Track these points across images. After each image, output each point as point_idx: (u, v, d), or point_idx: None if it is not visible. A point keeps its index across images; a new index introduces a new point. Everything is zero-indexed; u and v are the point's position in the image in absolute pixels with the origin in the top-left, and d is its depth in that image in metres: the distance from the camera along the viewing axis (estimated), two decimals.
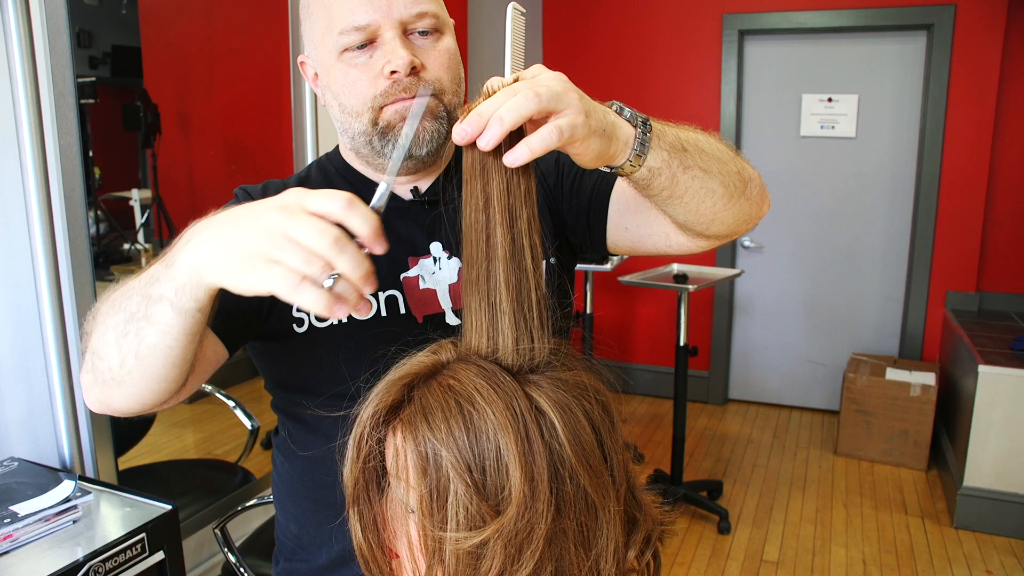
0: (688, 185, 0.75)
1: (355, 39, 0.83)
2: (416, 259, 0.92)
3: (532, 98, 0.57)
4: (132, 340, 0.64)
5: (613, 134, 0.66)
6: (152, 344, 0.63)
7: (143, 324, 0.63)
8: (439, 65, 0.86)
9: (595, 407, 0.60)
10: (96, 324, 0.69)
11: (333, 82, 0.87)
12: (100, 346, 0.67)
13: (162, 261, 0.62)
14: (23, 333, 1.50)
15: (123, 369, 0.66)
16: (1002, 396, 2.83)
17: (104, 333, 0.66)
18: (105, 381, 0.68)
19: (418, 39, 0.85)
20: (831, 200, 3.99)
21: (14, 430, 1.51)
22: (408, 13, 0.83)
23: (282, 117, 2.25)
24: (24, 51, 1.39)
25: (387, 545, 0.64)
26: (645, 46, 4.10)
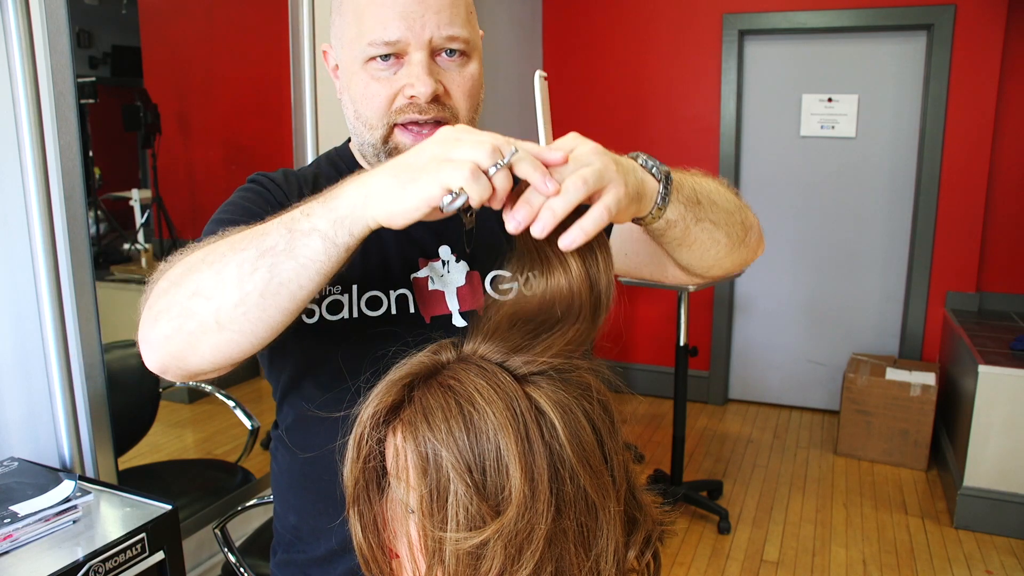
0: (698, 236, 0.78)
1: (383, 52, 0.83)
2: (426, 261, 0.93)
3: (580, 186, 0.59)
4: (262, 275, 0.62)
5: (643, 193, 0.69)
6: (286, 280, 0.62)
7: (282, 259, 0.62)
8: (461, 92, 0.86)
9: (595, 407, 0.60)
10: (193, 270, 0.66)
11: (353, 87, 0.87)
12: (209, 285, 0.64)
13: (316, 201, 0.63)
14: (23, 333, 1.49)
15: (238, 309, 0.64)
16: (1002, 396, 2.83)
17: (221, 271, 0.64)
18: (202, 326, 0.65)
19: (444, 61, 0.85)
20: (831, 200, 3.99)
21: (14, 430, 1.51)
22: (440, 35, 0.83)
23: (282, 117, 2.25)
24: (24, 51, 1.39)
25: (387, 545, 0.64)
26: (645, 46, 4.10)
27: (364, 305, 0.90)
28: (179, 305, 0.66)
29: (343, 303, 0.89)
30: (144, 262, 2.14)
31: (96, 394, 1.59)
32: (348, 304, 0.90)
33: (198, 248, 0.70)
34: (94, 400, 1.59)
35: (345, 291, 0.90)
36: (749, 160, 4.11)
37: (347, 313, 0.89)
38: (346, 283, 0.90)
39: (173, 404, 2.25)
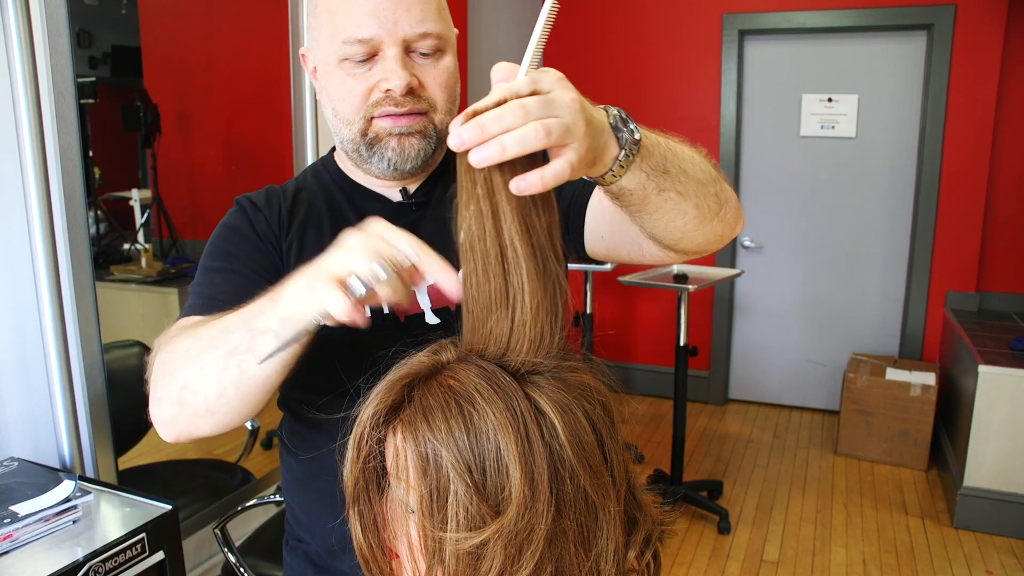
0: (660, 205, 0.74)
1: (357, 51, 0.84)
2: None
3: (542, 136, 0.55)
4: (233, 372, 0.69)
5: (603, 154, 0.65)
6: (254, 374, 0.69)
7: (246, 357, 0.68)
8: (436, 84, 0.88)
9: (595, 408, 0.60)
10: (180, 361, 0.73)
11: (330, 86, 0.89)
12: (194, 380, 0.72)
13: (267, 296, 0.69)
14: (23, 333, 1.50)
15: (220, 400, 0.71)
16: (1002, 396, 2.83)
17: (202, 368, 0.71)
18: (196, 413, 0.73)
19: (419, 57, 0.87)
20: (831, 200, 3.99)
21: (14, 430, 1.51)
22: (412, 33, 0.84)
23: (282, 117, 2.25)
24: (24, 51, 1.39)
25: (387, 545, 0.64)
26: (645, 46, 4.10)
27: None
28: (174, 395, 0.74)
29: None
30: (144, 262, 2.14)
31: (96, 394, 1.59)
32: None
33: (185, 330, 0.77)
34: (94, 400, 1.59)
35: None
36: (749, 160, 4.11)
37: None
38: None
39: None
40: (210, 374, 0.71)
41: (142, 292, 2.13)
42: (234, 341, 0.69)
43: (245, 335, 0.69)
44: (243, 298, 0.74)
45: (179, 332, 0.78)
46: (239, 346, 0.69)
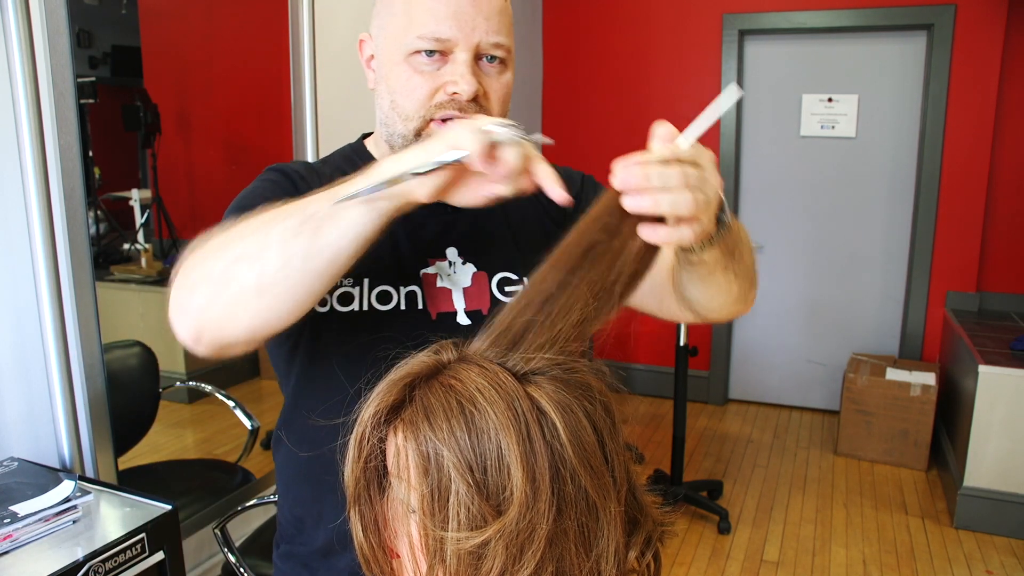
0: (719, 281, 0.82)
1: (430, 47, 0.85)
2: (433, 260, 0.95)
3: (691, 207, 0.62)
4: (305, 239, 0.66)
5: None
6: (328, 244, 0.66)
7: (325, 224, 0.65)
8: (497, 98, 0.89)
9: (596, 408, 0.60)
10: (234, 239, 0.69)
11: (393, 78, 0.89)
12: (253, 250, 0.67)
13: (356, 175, 0.67)
14: (23, 333, 1.49)
15: (280, 273, 0.66)
16: (1002, 396, 2.83)
17: (266, 235, 0.67)
18: (243, 291, 0.67)
19: (485, 66, 0.88)
20: (831, 200, 3.99)
21: (14, 430, 1.51)
22: (487, 40, 0.85)
23: (282, 117, 2.25)
24: (24, 51, 1.39)
25: (388, 545, 0.64)
26: (645, 46, 4.10)
27: (375, 299, 0.92)
28: (220, 271, 0.68)
29: (354, 295, 0.91)
30: (144, 262, 2.14)
31: (96, 394, 1.59)
32: (359, 296, 0.91)
33: (228, 229, 0.71)
34: (94, 400, 1.59)
35: (356, 284, 0.91)
36: (749, 160, 4.11)
37: (357, 305, 0.91)
38: (358, 276, 0.92)
39: (173, 404, 2.25)
40: (274, 242, 0.66)
41: (142, 292, 2.13)
42: (311, 209, 0.67)
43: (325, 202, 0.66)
44: None
45: (217, 233, 0.73)
46: (317, 213, 0.66)
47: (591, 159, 4.26)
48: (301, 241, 0.66)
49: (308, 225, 0.66)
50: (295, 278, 0.67)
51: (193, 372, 2.24)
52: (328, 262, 0.67)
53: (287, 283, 0.67)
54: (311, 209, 0.67)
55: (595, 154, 4.27)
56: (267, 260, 0.66)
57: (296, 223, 0.66)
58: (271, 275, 0.66)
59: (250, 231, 0.69)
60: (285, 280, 0.67)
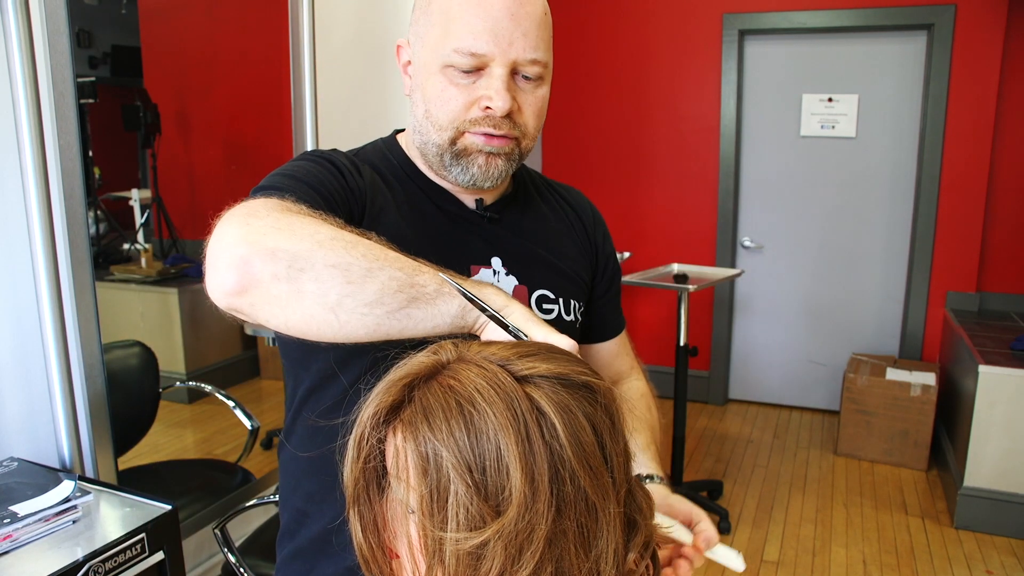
0: None
1: (465, 62, 0.84)
2: (478, 268, 0.95)
3: None
4: (401, 299, 0.67)
5: None
6: (412, 316, 0.68)
7: (423, 300, 0.68)
8: (532, 112, 0.89)
9: (596, 409, 0.60)
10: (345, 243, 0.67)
11: (428, 88, 0.88)
12: (358, 273, 0.66)
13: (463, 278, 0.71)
14: (23, 333, 1.50)
15: (362, 309, 0.66)
16: (1002, 396, 2.83)
17: (373, 270, 0.66)
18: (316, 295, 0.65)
19: (521, 81, 0.87)
20: (831, 200, 3.99)
21: (14, 430, 1.51)
22: (524, 57, 0.85)
23: (282, 117, 2.25)
24: (24, 51, 1.39)
25: (387, 545, 0.64)
26: (645, 46, 4.10)
27: None
28: (311, 263, 0.65)
29: None
30: (144, 262, 2.14)
31: (96, 394, 1.59)
32: None
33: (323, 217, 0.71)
34: (94, 400, 1.59)
35: None
36: (749, 160, 4.11)
37: None
38: None
39: (173, 404, 2.25)
40: (378, 281, 0.66)
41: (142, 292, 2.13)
42: (421, 279, 0.69)
43: (434, 283, 0.69)
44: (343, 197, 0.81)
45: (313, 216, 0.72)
46: (424, 285, 0.68)
47: (591, 159, 4.27)
48: (399, 298, 0.67)
49: (412, 290, 0.67)
50: (370, 320, 0.67)
51: (193, 372, 2.24)
52: (400, 331, 0.68)
53: (361, 319, 0.67)
54: (421, 279, 0.68)
55: (595, 154, 4.28)
56: (362, 289, 0.66)
57: (404, 280, 0.67)
58: (354, 302, 0.66)
59: (358, 251, 0.67)
60: (361, 316, 0.66)
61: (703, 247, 4.17)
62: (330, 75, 2.30)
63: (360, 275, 0.65)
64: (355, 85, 2.48)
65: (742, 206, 4.16)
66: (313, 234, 0.67)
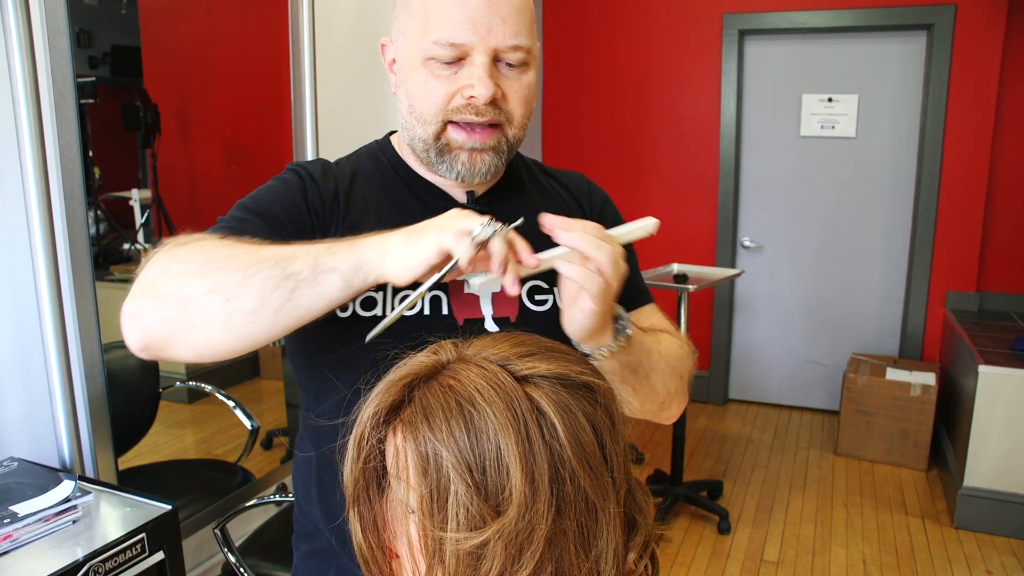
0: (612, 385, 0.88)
1: (445, 53, 0.84)
2: None
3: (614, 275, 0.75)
4: (283, 294, 0.70)
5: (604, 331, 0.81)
6: (301, 304, 0.71)
7: (303, 286, 0.71)
8: (518, 99, 0.88)
9: (596, 409, 0.60)
10: (216, 266, 0.72)
11: (410, 82, 0.88)
12: (231, 288, 0.70)
13: (341, 244, 0.73)
14: (23, 333, 1.50)
15: (251, 316, 0.70)
16: (1002, 396, 2.83)
17: (247, 278, 0.70)
18: (207, 321, 0.71)
19: (504, 68, 0.87)
20: (831, 200, 3.99)
21: (14, 430, 1.51)
22: (504, 44, 0.84)
23: (282, 117, 2.25)
24: (24, 51, 1.39)
25: (387, 545, 0.64)
26: (645, 46, 4.10)
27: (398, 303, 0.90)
28: (189, 296, 0.71)
29: (377, 300, 0.90)
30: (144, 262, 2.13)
31: (96, 394, 1.59)
32: (382, 301, 0.90)
33: (212, 241, 0.75)
34: (94, 400, 1.59)
35: (380, 288, 0.90)
36: (749, 160, 4.11)
37: (380, 310, 0.90)
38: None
39: (173, 404, 2.25)
40: (253, 290, 0.70)
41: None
42: (295, 267, 0.71)
43: (307, 265, 0.71)
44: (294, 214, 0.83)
45: (207, 239, 0.76)
46: (298, 273, 0.71)
47: (591, 159, 4.26)
48: (279, 294, 0.70)
49: (289, 282, 0.70)
50: (262, 325, 0.71)
51: (193, 372, 2.24)
52: (298, 319, 0.72)
53: (253, 326, 0.71)
54: (295, 267, 0.71)
55: (595, 154, 4.27)
56: (241, 302, 0.70)
57: (278, 275, 0.70)
58: (240, 316, 0.70)
59: (230, 266, 0.71)
60: (252, 324, 0.71)
61: (703, 247, 4.17)
62: (330, 75, 2.30)
63: (236, 289, 0.70)
64: (355, 85, 2.48)
65: (742, 206, 4.16)
66: (192, 267, 0.72)
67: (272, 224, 0.86)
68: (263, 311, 0.70)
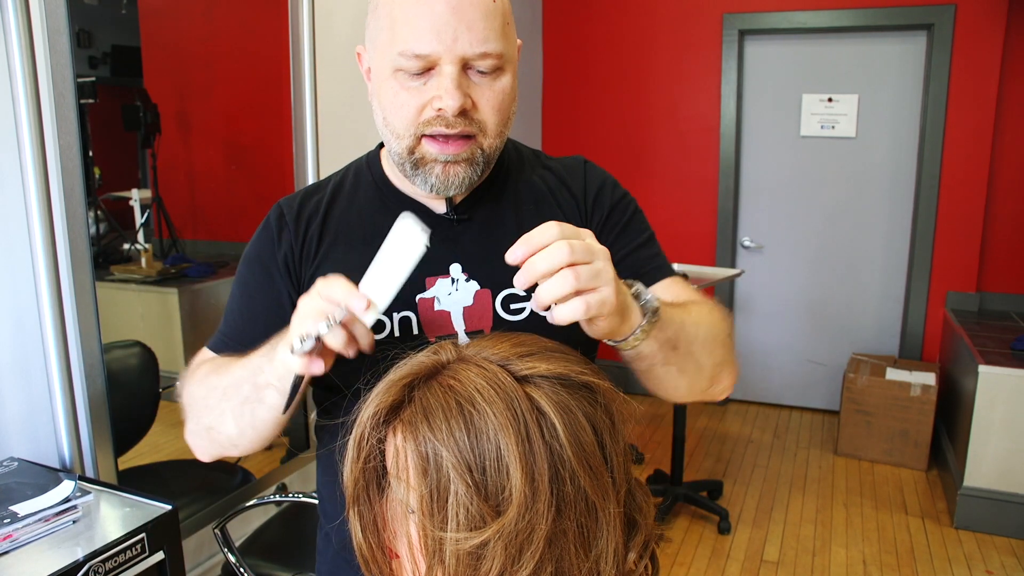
0: (659, 374, 0.82)
1: (413, 65, 0.81)
2: (434, 279, 0.92)
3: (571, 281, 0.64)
4: (248, 417, 0.83)
5: (627, 317, 0.71)
6: (264, 418, 0.82)
7: (256, 405, 0.81)
8: (490, 106, 0.85)
9: (596, 409, 0.60)
10: (201, 407, 0.89)
11: (382, 94, 0.86)
12: (217, 424, 0.87)
13: (264, 352, 0.80)
14: (23, 333, 1.49)
15: (242, 438, 0.86)
16: (1002, 396, 2.83)
17: (221, 415, 0.85)
18: (223, 447, 0.89)
19: (475, 75, 0.84)
20: (831, 200, 3.99)
21: (14, 430, 1.51)
22: (472, 52, 0.81)
23: (282, 117, 2.25)
24: (24, 51, 1.39)
25: (387, 546, 0.64)
26: (645, 46, 4.10)
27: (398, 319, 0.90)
28: (203, 433, 0.90)
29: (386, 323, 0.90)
30: (144, 262, 2.14)
31: (96, 394, 1.59)
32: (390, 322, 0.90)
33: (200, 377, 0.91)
34: (94, 400, 1.59)
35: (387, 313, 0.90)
36: (749, 160, 4.11)
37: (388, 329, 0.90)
38: None
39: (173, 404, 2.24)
40: (229, 420, 0.85)
41: (142, 292, 2.12)
42: (244, 393, 0.82)
43: (252, 390, 0.81)
44: (254, 338, 0.86)
45: (197, 373, 0.92)
46: (249, 397, 0.81)
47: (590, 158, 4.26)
48: (246, 419, 0.83)
49: (246, 407, 0.82)
50: (251, 436, 0.86)
51: None
52: (271, 424, 0.83)
53: (251, 441, 0.87)
54: (244, 392, 0.82)
55: (595, 154, 4.27)
56: (229, 431, 0.86)
57: (237, 405, 0.83)
58: (235, 439, 0.87)
59: (208, 406, 0.87)
60: (248, 440, 0.87)
61: (703, 247, 4.17)
62: (330, 75, 2.30)
63: (219, 423, 0.87)
64: (355, 85, 2.48)
65: (742, 206, 4.16)
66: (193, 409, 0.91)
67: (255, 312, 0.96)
68: (245, 432, 0.85)
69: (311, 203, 0.97)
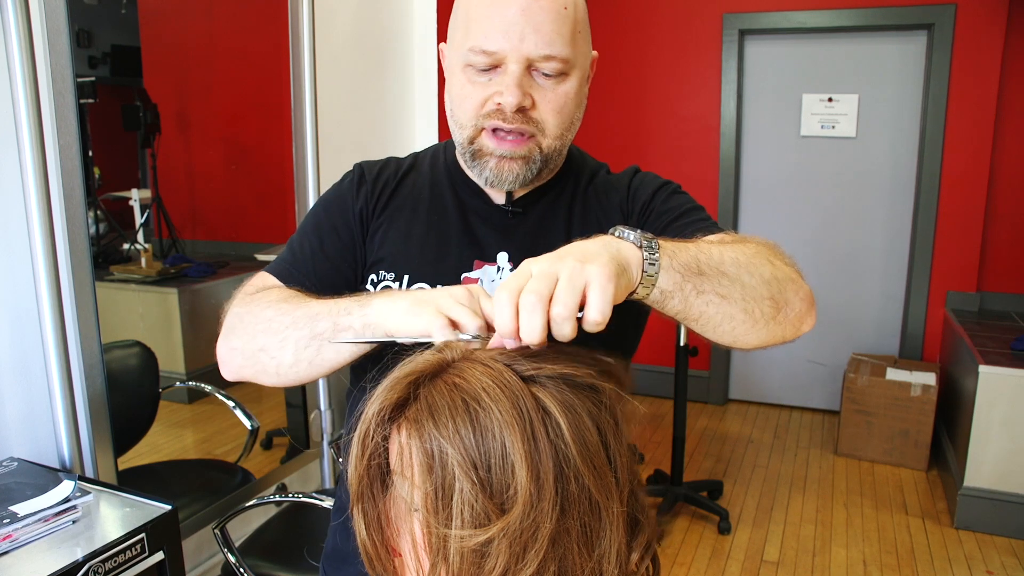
0: (703, 310, 0.73)
1: (480, 61, 0.86)
2: (482, 263, 0.95)
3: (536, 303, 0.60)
4: (311, 351, 0.82)
5: (627, 263, 0.65)
6: (327, 358, 0.83)
7: (326, 346, 0.81)
8: (550, 108, 0.88)
9: (600, 409, 0.60)
10: (262, 327, 0.86)
11: (451, 86, 0.92)
12: (273, 348, 0.85)
13: (355, 299, 0.80)
14: (23, 333, 1.49)
15: (292, 369, 0.85)
16: (1002, 396, 2.83)
17: (283, 341, 0.84)
18: (265, 371, 0.87)
19: (540, 77, 0.87)
20: (831, 200, 3.99)
21: (14, 430, 1.51)
22: (537, 53, 0.85)
23: (282, 117, 2.25)
24: (24, 51, 1.39)
25: (390, 543, 0.64)
26: (645, 46, 4.10)
27: None
28: (249, 352, 0.87)
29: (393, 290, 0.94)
30: (144, 262, 2.13)
31: (96, 394, 1.59)
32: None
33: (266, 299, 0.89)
34: (94, 400, 1.59)
35: (398, 279, 0.95)
36: (749, 160, 4.11)
37: None
38: (400, 271, 0.95)
39: (173, 404, 2.25)
40: (290, 348, 0.83)
41: (142, 292, 2.12)
42: (319, 328, 0.81)
43: (329, 325, 0.80)
44: (321, 274, 0.93)
45: (262, 295, 0.90)
46: (322, 333, 0.81)
47: None
48: (308, 352, 0.83)
49: (315, 342, 0.82)
50: (304, 372, 0.85)
51: (193, 372, 2.24)
52: (328, 367, 0.84)
53: (296, 374, 0.86)
54: (319, 327, 0.81)
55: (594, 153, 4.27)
56: (283, 358, 0.84)
57: (306, 336, 0.82)
58: (285, 368, 0.85)
59: (271, 329, 0.85)
60: (295, 372, 0.85)
61: None
62: (330, 75, 2.30)
63: (277, 349, 0.85)
64: (355, 85, 2.48)
65: (742, 206, 4.16)
66: (248, 327, 0.88)
67: (327, 256, 0.97)
68: (300, 364, 0.84)
69: (389, 169, 1.03)
